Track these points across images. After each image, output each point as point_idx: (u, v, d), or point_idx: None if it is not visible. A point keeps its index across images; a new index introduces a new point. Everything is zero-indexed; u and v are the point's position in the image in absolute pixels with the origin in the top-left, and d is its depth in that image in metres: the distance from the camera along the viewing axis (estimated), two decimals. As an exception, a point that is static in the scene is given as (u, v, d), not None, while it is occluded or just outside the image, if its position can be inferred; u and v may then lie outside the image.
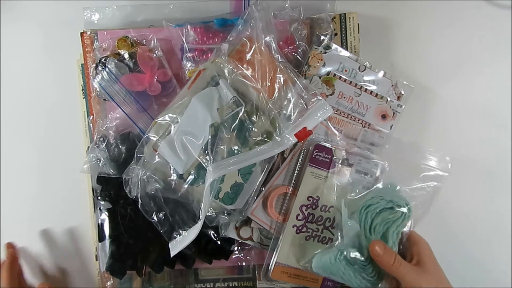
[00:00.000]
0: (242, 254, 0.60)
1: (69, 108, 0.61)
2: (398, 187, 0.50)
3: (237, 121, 0.51)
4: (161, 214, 0.53)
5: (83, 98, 0.60)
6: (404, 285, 0.47)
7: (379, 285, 0.51)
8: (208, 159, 0.50)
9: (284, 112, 0.51)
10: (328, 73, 0.56)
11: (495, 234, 0.63)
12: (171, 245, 0.53)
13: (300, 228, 0.54)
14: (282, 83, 0.51)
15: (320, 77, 0.56)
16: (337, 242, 0.51)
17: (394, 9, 0.62)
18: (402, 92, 0.58)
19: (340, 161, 0.54)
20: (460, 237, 0.63)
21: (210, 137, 0.50)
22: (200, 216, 0.50)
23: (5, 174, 0.62)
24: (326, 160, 0.53)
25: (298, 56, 0.56)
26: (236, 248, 0.59)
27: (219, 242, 0.57)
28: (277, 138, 0.51)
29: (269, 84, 0.51)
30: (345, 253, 0.50)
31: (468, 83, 0.63)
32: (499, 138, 0.64)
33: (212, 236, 0.56)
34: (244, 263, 0.60)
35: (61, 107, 0.62)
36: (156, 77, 0.56)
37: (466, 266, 0.63)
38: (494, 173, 0.63)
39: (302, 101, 0.50)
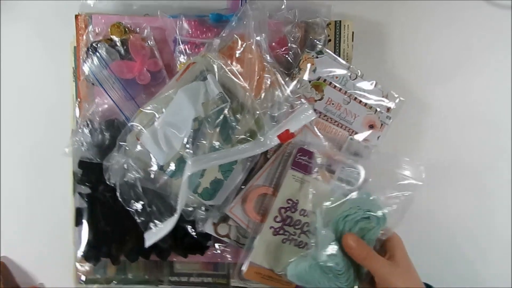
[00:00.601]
0: (218, 251, 0.59)
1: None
2: (373, 197, 0.51)
3: (221, 117, 0.51)
4: (138, 204, 0.53)
5: (74, 81, 0.59)
6: (377, 279, 0.48)
7: None
8: (189, 152, 0.50)
9: (269, 113, 0.51)
10: (318, 78, 0.56)
11: (492, 240, 0.64)
12: (146, 235, 0.53)
13: (277, 230, 0.54)
14: (269, 83, 0.51)
15: (310, 82, 0.56)
16: (311, 251, 0.51)
17: (390, 11, 0.62)
18: (393, 106, 0.58)
19: (323, 167, 0.54)
20: (457, 240, 0.65)
21: (192, 130, 0.50)
22: (177, 209, 0.49)
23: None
24: (308, 164, 0.53)
25: (289, 59, 0.56)
26: (212, 245, 0.59)
27: (196, 237, 0.57)
28: (260, 138, 0.51)
29: (256, 83, 0.51)
30: (320, 262, 0.50)
31: (468, 83, 0.63)
32: (499, 139, 0.64)
33: (189, 231, 0.56)
34: (219, 260, 0.60)
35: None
36: (146, 66, 0.56)
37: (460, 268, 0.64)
38: (491, 176, 0.64)
39: (287, 104, 0.50)
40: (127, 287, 0.60)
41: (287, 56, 0.56)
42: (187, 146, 0.50)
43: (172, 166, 0.51)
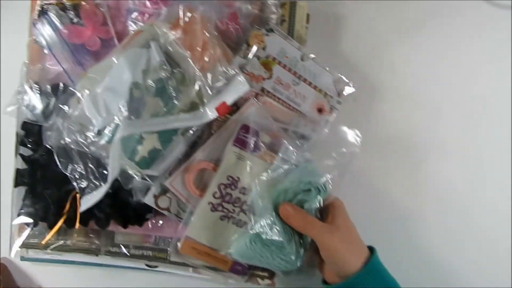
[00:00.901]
0: (159, 224, 0.59)
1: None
2: (313, 166, 0.51)
3: (162, 86, 0.50)
4: (76, 167, 0.53)
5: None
6: (318, 244, 0.48)
7: (298, 264, 0.51)
8: (126, 118, 0.50)
9: (211, 85, 0.51)
10: (267, 56, 0.56)
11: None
12: (82, 200, 0.53)
13: (215, 206, 0.54)
14: (214, 57, 0.51)
15: (259, 59, 0.56)
16: (250, 225, 0.51)
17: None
18: (344, 91, 0.58)
19: (266, 146, 0.54)
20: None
21: (130, 97, 0.49)
22: (109, 174, 0.49)
23: None
24: (251, 142, 0.53)
25: (239, 35, 0.56)
26: (153, 217, 0.59)
27: (136, 208, 0.57)
28: (201, 110, 0.51)
29: (200, 56, 0.51)
30: (261, 234, 0.49)
31: (468, 83, 0.63)
32: (499, 138, 0.64)
33: (131, 201, 0.55)
34: (159, 234, 0.59)
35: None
36: (97, 33, 0.56)
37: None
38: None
39: (226, 77, 0.50)
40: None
41: (237, 32, 0.56)
42: (126, 112, 0.50)
43: (110, 132, 0.50)
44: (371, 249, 0.52)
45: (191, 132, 0.53)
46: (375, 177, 0.63)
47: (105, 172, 0.53)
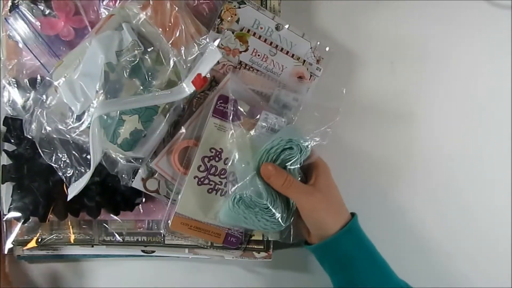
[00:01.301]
0: (151, 208, 0.59)
1: None
2: (296, 126, 0.51)
3: (138, 66, 0.51)
4: (60, 157, 0.53)
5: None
6: (298, 206, 0.48)
7: (284, 224, 0.51)
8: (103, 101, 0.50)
9: (184, 60, 0.51)
10: (242, 29, 0.56)
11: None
12: (69, 189, 0.53)
13: (202, 180, 0.54)
14: (185, 32, 0.51)
15: (233, 32, 0.56)
16: (233, 187, 0.51)
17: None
18: (322, 56, 0.58)
19: (246, 114, 0.54)
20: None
21: (105, 80, 0.49)
22: (91, 158, 0.49)
23: None
24: (230, 112, 0.53)
25: (212, 10, 0.56)
26: (144, 201, 0.59)
27: (126, 194, 0.57)
28: (178, 86, 0.51)
29: (172, 32, 0.51)
30: (243, 195, 0.49)
31: (468, 83, 0.63)
32: (499, 138, 0.64)
33: (120, 187, 0.56)
34: (151, 218, 0.59)
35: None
36: (70, 23, 0.56)
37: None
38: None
39: (200, 50, 0.50)
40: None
41: (209, 8, 0.56)
42: (103, 94, 0.50)
43: (88, 116, 0.50)
44: (353, 215, 0.52)
45: (171, 110, 0.53)
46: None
47: (88, 157, 0.52)
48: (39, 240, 0.59)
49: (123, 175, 0.54)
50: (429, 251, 0.64)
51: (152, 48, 0.52)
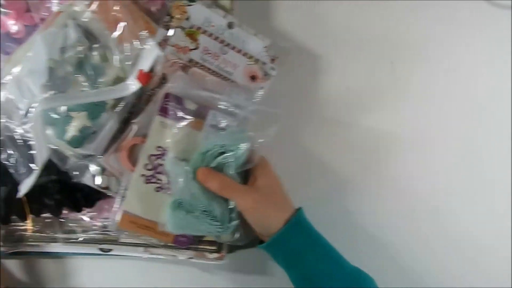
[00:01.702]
0: (106, 206, 0.59)
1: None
2: (233, 129, 0.51)
3: (83, 63, 0.51)
4: (11, 154, 0.53)
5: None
6: (238, 207, 0.48)
7: (229, 226, 0.51)
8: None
9: (128, 56, 0.51)
10: (192, 27, 0.56)
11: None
12: (20, 187, 0.53)
13: (149, 178, 0.54)
14: (133, 29, 0.51)
15: (183, 30, 0.56)
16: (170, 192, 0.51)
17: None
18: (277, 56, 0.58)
19: (194, 113, 0.53)
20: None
21: (50, 76, 0.50)
22: (37, 154, 0.49)
23: None
24: (177, 110, 0.53)
25: (162, 8, 0.56)
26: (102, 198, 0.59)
27: (85, 191, 0.57)
28: (124, 83, 0.52)
29: (119, 29, 0.51)
30: (182, 200, 0.49)
31: (468, 83, 0.63)
32: (499, 138, 0.64)
33: (79, 184, 0.56)
34: (105, 215, 0.59)
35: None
36: (21, 20, 0.56)
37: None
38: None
39: (143, 46, 0.50)
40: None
41: (159, 6, 0.56)
42: (49, 91, 0.50)
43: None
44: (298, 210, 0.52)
45: (121, 107, 0.53)
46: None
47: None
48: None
49: (75, 172, 0.54)
50: (429, 251, 0.64)
51: (99, 44, 0.52)
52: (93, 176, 0.56)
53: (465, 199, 0.64)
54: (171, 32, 0.55)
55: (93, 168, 0.56)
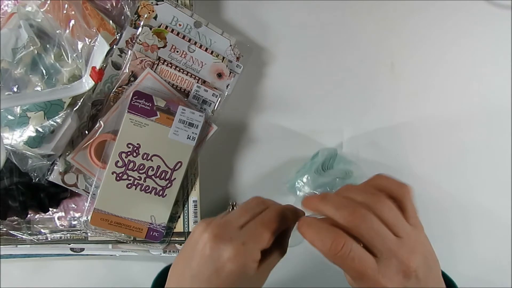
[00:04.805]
0: (73, 205, 0.59)
1: None
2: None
3: (37, 63, 0.51)
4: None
5: None
6: None
7: None
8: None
9: (80, 54, 0.51)
10: (160, 25, 0.57)
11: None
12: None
13: (120, 175, 0.54)
14: (86, 27, 0.52)
15: (151, 28, 0.57)
16: None
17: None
18: (242, 54, 0.60)
19: (162, 110, 0.55)
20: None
21: (3, 78, 0.49)
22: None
23: None
24: (146, 107, 0.54)
25: (127, 6, 0.56)
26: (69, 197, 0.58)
27: (51, 190, 0.57)
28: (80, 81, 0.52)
29: (70, 27, 0.51)
30: None
31: (468, 84, 0.64)
32: (499, 138, 0.64)
33: (44, 184, 0.55)
34: (73, 214, 0.59)
35: None
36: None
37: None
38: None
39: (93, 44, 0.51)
40: None
41: (125, 4, 0.56)
42: (3, 92, 0.50)
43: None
44: None
45: (79, 105, 0.53)
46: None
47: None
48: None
49: (34, 173, 0.54)
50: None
51: (53, 44, 0.52)
52: (60, 173, 0.56)
53: (465, 199, 0.64)
54: (139, 31, 0.56)
55: (60, 165, 0.56)
